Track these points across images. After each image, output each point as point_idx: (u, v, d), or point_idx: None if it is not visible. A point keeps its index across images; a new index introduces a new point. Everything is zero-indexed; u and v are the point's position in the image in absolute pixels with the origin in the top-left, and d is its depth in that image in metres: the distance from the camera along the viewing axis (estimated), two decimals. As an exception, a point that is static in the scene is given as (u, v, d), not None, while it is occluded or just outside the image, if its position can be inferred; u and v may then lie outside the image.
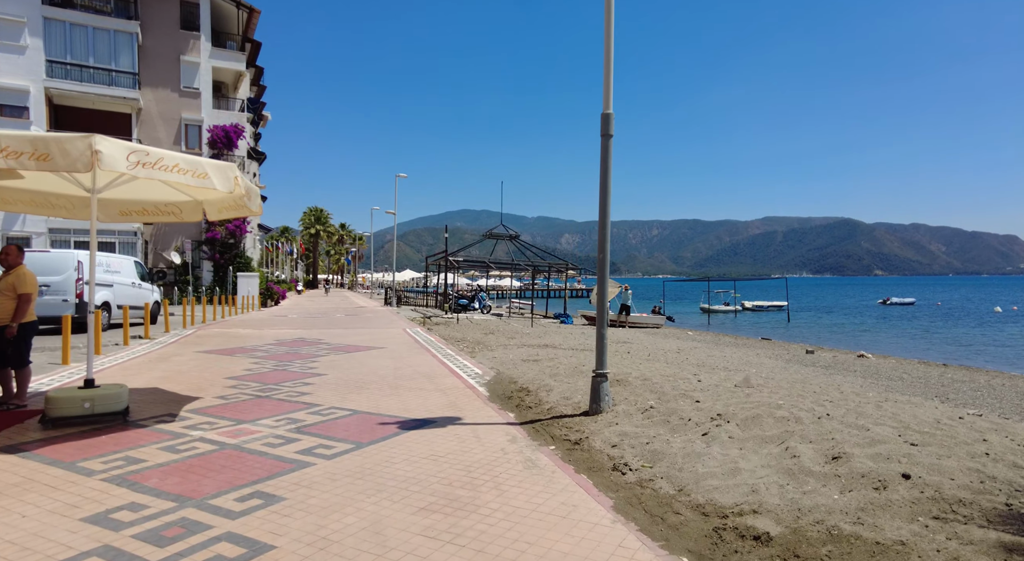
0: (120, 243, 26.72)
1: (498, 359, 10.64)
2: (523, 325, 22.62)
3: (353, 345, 12.45)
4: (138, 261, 16.66)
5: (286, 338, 13.74)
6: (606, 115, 5.70)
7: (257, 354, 10.78)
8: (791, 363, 14.09)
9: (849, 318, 40.81)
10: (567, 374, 8.02)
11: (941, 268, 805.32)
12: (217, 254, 29.80)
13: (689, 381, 7.01)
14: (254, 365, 9.41)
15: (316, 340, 13.36)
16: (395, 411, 6.21)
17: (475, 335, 16.71)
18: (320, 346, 12.19)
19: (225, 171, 5.49)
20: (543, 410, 6.11)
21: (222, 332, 14.98)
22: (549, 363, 9.40)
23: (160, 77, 28.55)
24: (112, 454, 4.58)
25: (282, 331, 15.66)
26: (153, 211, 7.38)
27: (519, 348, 13.50)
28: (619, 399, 6.14)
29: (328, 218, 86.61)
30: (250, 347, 11.85)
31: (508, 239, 28.00)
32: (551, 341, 15.95)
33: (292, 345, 12.34)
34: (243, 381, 7.95)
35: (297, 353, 11.00)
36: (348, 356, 10.65)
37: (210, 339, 13.26)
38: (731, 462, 4.00)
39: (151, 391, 7.18)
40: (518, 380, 7.82)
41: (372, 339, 13.83)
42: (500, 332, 18.32)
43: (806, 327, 32.55)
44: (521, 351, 12.52)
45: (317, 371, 8.85)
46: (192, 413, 6.02)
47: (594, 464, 4.40)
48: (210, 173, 5.30)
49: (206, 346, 11.92)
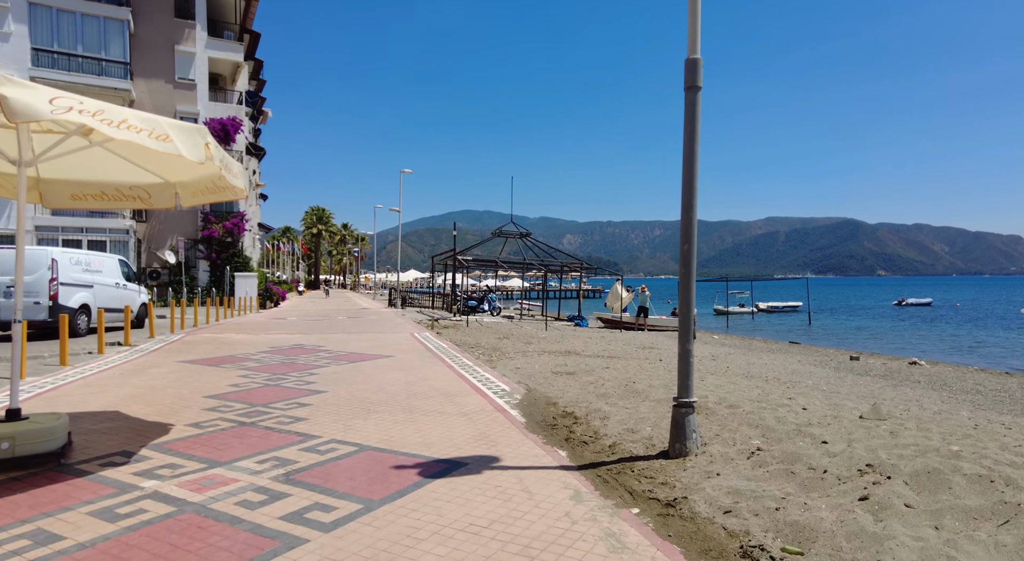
0: (111, 241, 25.44)
1: (523, 371, 9.29)
2: (536, 328, 21.29)
3: (357, 353, 11.12)
4: (123, 260, 15.36)
5: (283, 344, 12.41)
6: (692, 61, 4.34)
7: (248, 364, 9.45)
8: (841, 371, 12.73)
9: (871, 320, 39.36)
10: (618, 394, 6.69)
11: (944, 268, 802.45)
12: (214, 253, 28.53)
13: (790, 408, 5.66)
14: (242, 379, 8.07)
15: (316, 347, 12.03)
16: (412, 446, 4.87)
17: (489, 340, 15.38)
18: (320, 354, 10.85)
19: (192, 135, 4.15)
20: (603, 447, 4.75)
21: (213, 337, 13.65)
22: (588, 378, 8.06)
23: (153, 67, 27.26)
24: (14, 526, 3.24)
25: (279, 336, 14.33)
26: (114, 195, 6.03)
27: (540, 356, 12.16)
28: (707, 435, 4.79)
29: (330, 218, 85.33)
30: (241, 355, 10.51)
31: (518, 237, 26.66)
32: (572, 347, 14.61)
33: (289, 353, 11.01)
34: (226, 401, 6.61)
35: (293, 363, 9.66)
36: (352, 367, 9.31)
37: (198, 346, 11.93)
38: (939, 554, 2.64)
39: (110, 416, 5.84)
40: (557, 401, 6.48)
41: (378, 345, 12.50)
42: (515, 336, 17.00)
43: (830, 330, 31.14)
44: (545, 360, 11.18)
45: (315, 387, 7.51)
46: (153, 451, 4.68)
47: (708, 544, 3.05)
48: (172, 135, 3.96)
49: (191, 354, 10.58)
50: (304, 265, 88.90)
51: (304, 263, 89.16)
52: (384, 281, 78.95)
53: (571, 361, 11.15)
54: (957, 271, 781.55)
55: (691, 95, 4.38)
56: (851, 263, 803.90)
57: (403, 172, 30.88)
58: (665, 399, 6.46)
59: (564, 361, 11.08)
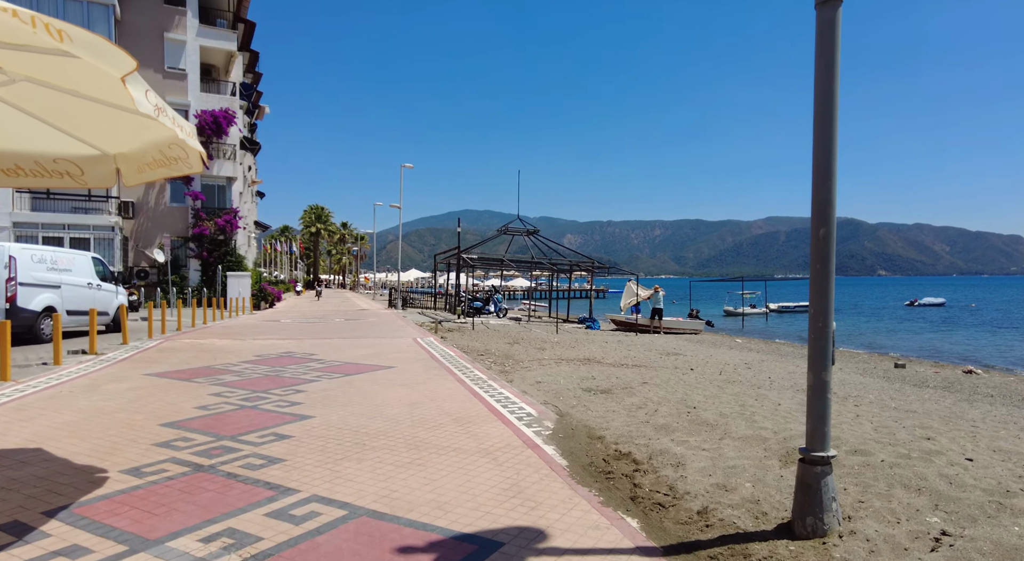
0: (96, 239, 24.07)
1: (547, 386, 7.96)
2: (546, 331, 19.96)
3: (353, 363, 9.78)
4: (97, 258, 14.03)
5: (270, 352, 11.08)
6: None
7: (225, 378, 8.12)
8: (893, 381, 11.40)
9: (890, 322, 37.95)
10: (683, 425, 5.37)
11: (945, 268, 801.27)
12: (205, 252, 27.17)
13: (947, 456, 4.30)
14: (214, 398, 6.74)
15: (307, 355, 10.69)
16: (422, 508, 3.54)
17: (499, 346, 14.06)
18: (311, 364, 9.52)
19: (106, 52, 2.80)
20: (690, 515, 3.41)
21: (194, 343, 12.32)
22: (632, 399, 6.73)
23: (141, 56, 25.82)
24: None
25: (268, 341, 13.00)
26: (33, 171, 4.68)
27: (559, 365, 10.84)
28: (845, 501, 3.43)
29: (329, 217, 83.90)
30: (220, 366, 9.18)
31: (525, 235, 25.31)
32: (590, 353, 13.29)
33: (276, 363, 9.67)
34: (187, 431, 5.28)
35: (279, 376, 8.33)
36: (346, 382, 7.98)
37: (174, 354, 10.59)
38: None
39: (26, 457, 4.51)
40: (603, 433, 5.16)
41: (377, 353, 11.16)
42: (526, 341, 15.67)
43: (852, 332, 29.74)
44: (567, 371, 9.85)
45: (301, 410, 6.19)
46: (61, 521, 3.35)
47: None
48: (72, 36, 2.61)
49: (163, 365, 9.25)
50: (303, 265, 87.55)
51: (303, 263, 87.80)
52: (384, 281, 77.65)
53: (597, 372, 9.83)
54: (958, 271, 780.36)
55: (825, 13, 3.05)
56: (852, 263, 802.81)
57: (404, 167, 29.52)
58: (753, 437, 5.09)
59: (589, 372, 9.76)
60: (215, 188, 28.44)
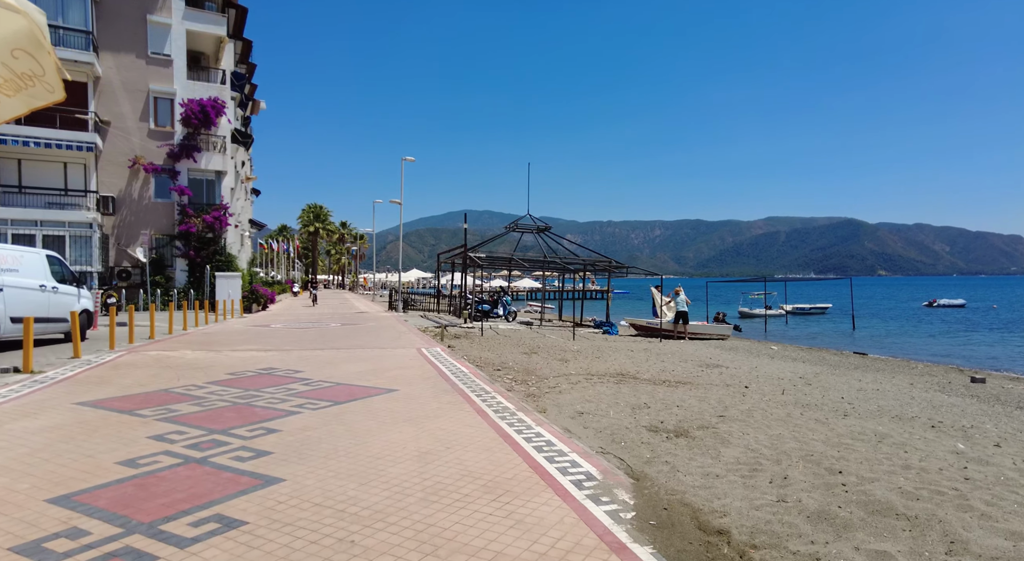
0: (72, 237, 22.29)
1: (594, 420, 6.19)
2: (561, 337, 18.18)
3: (346, 384, 7.99)
4: (53, 256, 12.23)
5: (248, 368, 9.29)
6: None
7: (181, 408, 6.33)
8: (990, 403, 9.60)
9: (917, 324, 36.06)
10: (848, 508, 3.56)
11: (945, 268, 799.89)
12: (192, 251, 25.36)
13: None
14: (152, 445, 4.96)
15: (291, 373, 8.90)
16: None
17: (515, 357, 12.27)
18: (294, 387, 7.73)
19: None
20: None
21: (161, 356, 10.51)
22: (731, 452, 4.92)
23: (123, 40, 24.11)
24: None
25: (249, 353, 11.20)
26: None
27: (592, 382, 9.08)
28: None
29: (328, 216, 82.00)
30: (180, 390, 7.38)
31: (536, 232, 23.49)
32: (620, 365, 11.52)
33: (251, 384, 7.88)
34: (83, 515, 3.49)
35: (250, 406, 6.54)
36: (335, 414, 6.19)
37: (131, 371, 8.80)
38: None
39: None
40: (723, 522, 3.38)
41: (375, 369, 9.37)
42: (544, 350, 13.89)
43: (882, 336, 27.90)
44: (607, 393, 8.08)
45: (266, 468, 4.39)
46: None
47: None
48: None
49: (109, 388, 7.45)
50: (301, 265, 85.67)
51: (301, 263, 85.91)
52: (384, 281, 75.83)
53: (645, 394, 8.04)
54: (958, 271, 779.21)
55: None
56: (852, 263, 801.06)
57: (405, 159, 27.68)
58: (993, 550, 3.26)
59: (636, 395, 7.98)
60: (203, 183, 26.63)
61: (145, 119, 24.77)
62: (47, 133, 21.87)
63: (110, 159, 24.13)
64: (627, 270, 22.58)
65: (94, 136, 22.77)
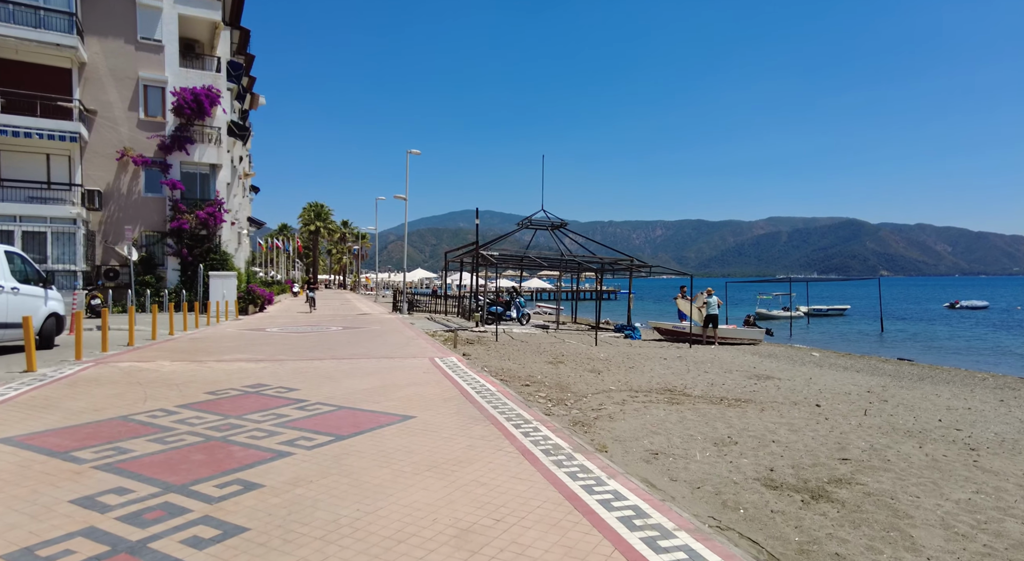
0: (54, 233, 20.79)
1: (678, 466, 4.70)
2: (582, 342, 16.67)
3: (350, 409, 6.48)
4: (14, 252, 10.73)
5: (232, 384, 7.78)
6: None
7: (133, 449, 4.82)
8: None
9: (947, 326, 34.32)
10: None
11: (947, 269, 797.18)
12: (184, 248, 23.86)
13: None
14: (71, 517, 3.45)
15: (283, 392, 7.39)
16: None
17: (540, 367, 10.78)
18: (285, 413, 6.22)
19: None
20: None
21: (132, 369, 9.01)
22: (934, 539, 3.41)
23: (110, 24, 22.61)
24: None
25: (236, 364, 9.69)
26: None
27: (643, 403, 7.59)
28: None
29: (329, 214, 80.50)
30: (141, 418, 5.88)
31: (550, 229, 21.99)
32: (663, 379, 10.02)
33: (232, 408, 6.37)
34: None
35: (226, 443, 5.04)
36: (336, 457, 4.69)
37: (88, 390, 7.30)
38: None
39: None
40: None
41: (384, 385, 7.87)
42: (570, 359, 12.39)
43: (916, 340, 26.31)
44: (669, 418, 6.59)
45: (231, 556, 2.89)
46: None
47: None
48: None
49: (54, 415, 5.95)
50: (301, 265, 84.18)
51: (301, 262, 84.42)
52: (387, 281, 74.31)
53: (716, 420, 6.53)
54: (960, 271, 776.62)
55: None
56: (854, 263, 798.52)
57: (410, 152, 26.16)
58: None
59: (707, 422, 6.47)
60: (197, 176, 25.12)
61: (134, 108, 23.27)
62: (27, 121, 20.38)
63: (96, 151, 22.63)
64: (650, 270, 21.06)
65: (78, 125, 21.27)
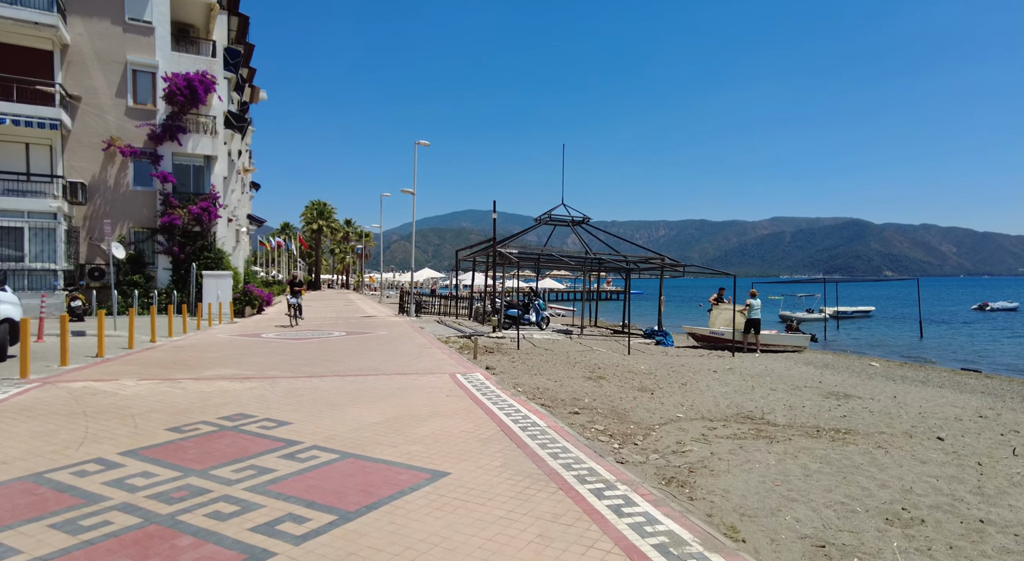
0: (32, 229, 19.13)
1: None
2: (611, 350, 14.93)
3: (355, 455, 4.75)
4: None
5: (205, 416, 6.06)
6: None
7: (24, 546, 3.10)
8: None
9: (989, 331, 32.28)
10: None
11: (952, 269, 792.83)
12: (176, 246, 22.17)
13: None
14: None
15: (269, 426, 5.66)
16: None
17: (581, 385, 9.03)
18: (268, 464, 4.48)
19: None
20: None
21: (87, 390, 7.30)
22: None
23: (95, 3, 20.95)
24: None
25: (218, 383, 7.97)
26: None
27: (736, 442, 5.87)
28: None
29: (332, 213, 78.84)
30: (60, 479, 4.16)
31: (571, 225, 20.26)
32: (729, 399, 8.27)
33: (198, 455, 4.65)
34: None
35: (174, 531, 3.30)
36: (336, 559, 2.96)
37: (10, 427, 5.59)
38: None
39: None
40: None
41: (399, 415, 6.14)
42: (609, 373, 10.63)
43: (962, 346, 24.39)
44: (790, 470, 4.85)
45: None
46: None
47: None
48: None
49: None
50: (304, 264, 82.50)
51: (304, 262, 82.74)
52: (392, 281, 72.62)
53: (857, 472, 4.79)
54: (965, 272, 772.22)
55: None
56: (858, 264, 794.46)
57: (418, 143, 24.43)
58: None
59: (844, 475, 4.73)
60: (190, 169, 23.43)
61: (122, 95, 21.59)
62: (2, 107, 18.72)
63: (81, 140, 20.97)
64: (684, 269, 19.30)
65: (59, 112, 19.61)
